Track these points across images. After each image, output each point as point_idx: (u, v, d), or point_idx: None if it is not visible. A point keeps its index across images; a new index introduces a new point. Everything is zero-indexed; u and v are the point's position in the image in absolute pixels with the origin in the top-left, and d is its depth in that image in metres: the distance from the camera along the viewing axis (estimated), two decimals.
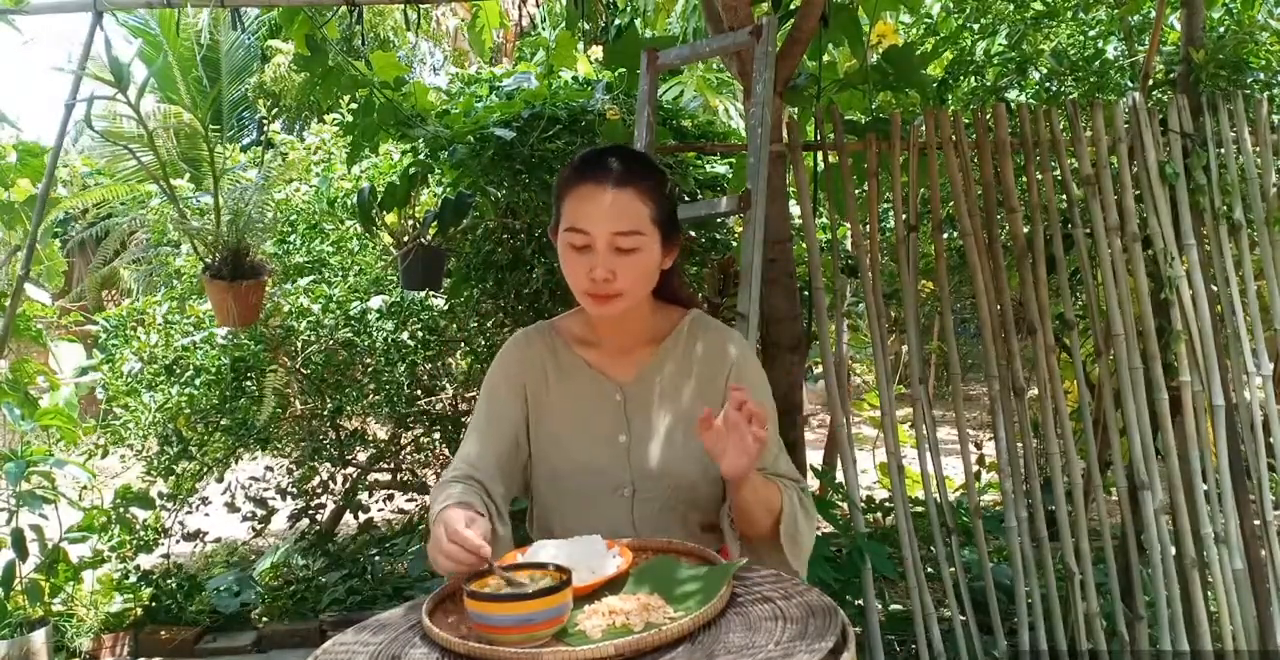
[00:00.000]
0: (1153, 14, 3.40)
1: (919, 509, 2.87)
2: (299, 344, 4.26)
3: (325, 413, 4.43)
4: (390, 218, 3.78)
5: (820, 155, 2.88)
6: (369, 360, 4.45)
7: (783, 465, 1.46)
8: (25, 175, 3.64)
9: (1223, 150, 2.82)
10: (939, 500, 2.71)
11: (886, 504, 3.68)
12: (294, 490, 4.59)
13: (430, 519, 1.34)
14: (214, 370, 4.21)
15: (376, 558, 4.29)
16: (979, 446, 4.57)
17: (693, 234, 3.75)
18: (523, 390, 1.46)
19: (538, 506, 1.48)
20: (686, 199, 3.63)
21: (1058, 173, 2.94)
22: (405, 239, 3.68)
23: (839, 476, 2.75)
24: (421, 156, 3.71)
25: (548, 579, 1.10)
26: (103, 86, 2.97)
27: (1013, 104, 3.31)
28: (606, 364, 1.46)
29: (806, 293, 3.05)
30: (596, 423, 1.43)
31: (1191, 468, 2.68)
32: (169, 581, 3.99)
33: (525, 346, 1.49)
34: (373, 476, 4.79)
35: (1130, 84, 3.51)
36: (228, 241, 3.11)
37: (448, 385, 4.67)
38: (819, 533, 1.62)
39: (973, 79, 3.75)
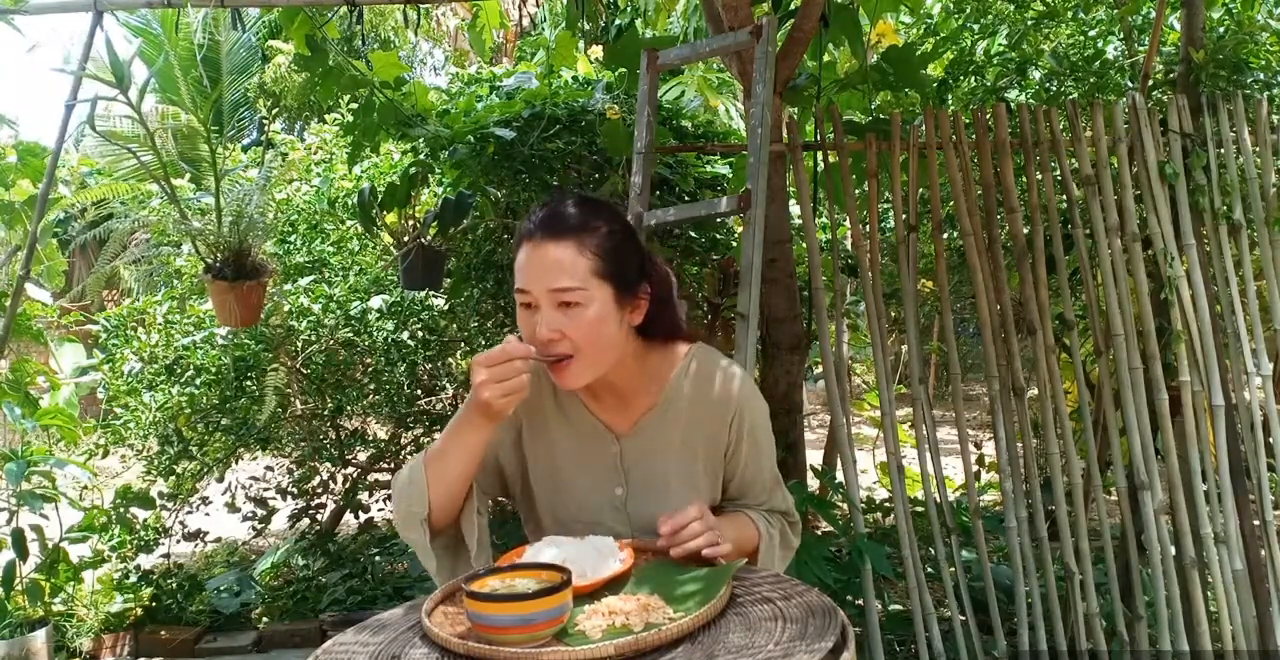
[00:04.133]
0: (1153, 14, 3.40)
1: (919, 509, 2.87)
2: (299, 344, 4.26)
3: (325, 412, 4.43)
4: (390, 218, 3.78)
5: (820, 155, 2.89)
6: (369, 360, 4.45)
7: (779, 502, 1.45)
8: (25, 175, 3.65)
9: (1222, 150, 2.83)
10: (939, 500, 2.71)
11: (886, 504, 3.68)
12: (294, 490, 4.59)
13: (419, 461, 1.29)
14: (214, 370, 4.21)
15: (376, 558, 4.30)
16: (979, 446, 4.57)
17: (693, 234, 3.75)
18: (515, 421, 1.39)
19: (539, 533, 1.42)
20: (687, 199, 3.64)
21: (1058, 173, 2.94)
22: (405, 239, 3.68)
23: (839, 476, 2.75)
24: (422, 156, 3.71)
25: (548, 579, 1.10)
26: (103, 87, 2.98)
27: (1013, 104, 3.31)
28: (605, 411, 1.39)
29: (806, 293, 3.05)
30: (593, 473, 1.38)
31: (1191, 468, 2.68)
32: (169, 581, 3.99)
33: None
34: (373, 476, 4.79)
35: (1130, 84, 3.51)
36: (229, 242, 3.11)
37: (448, 385, 4.67)
38: (818, 533, 1.62)
39: (973, 79, 3.75)
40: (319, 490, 4.64)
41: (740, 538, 1.36)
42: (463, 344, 4.55)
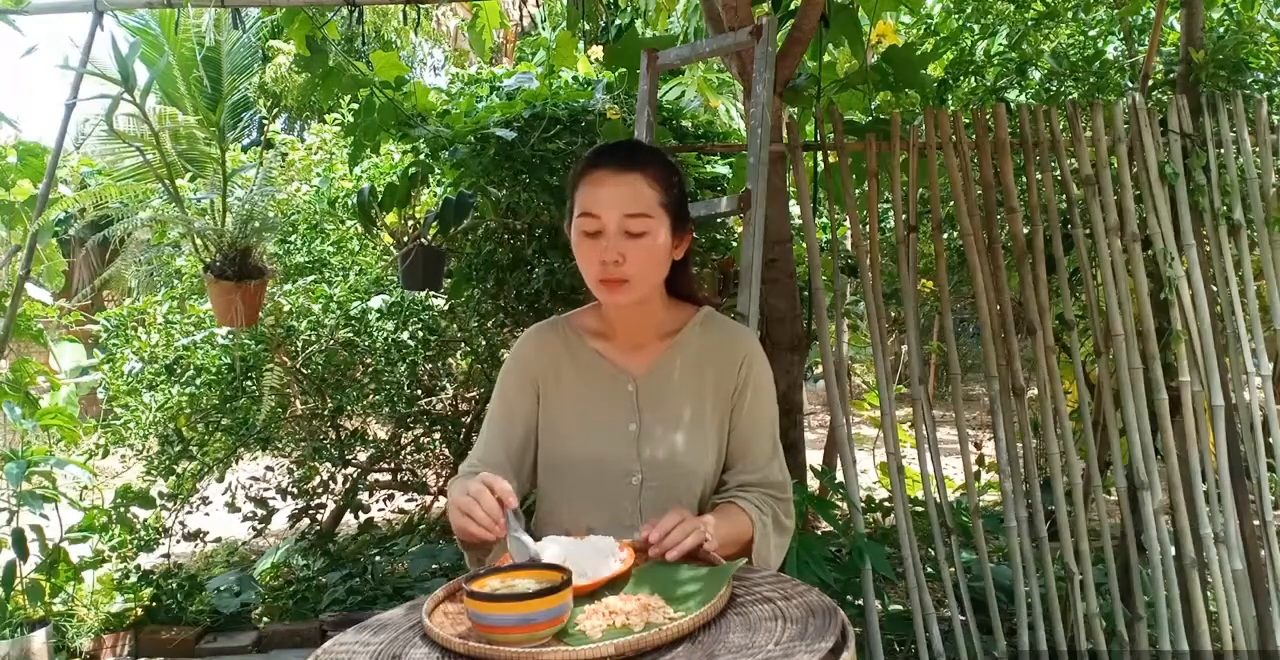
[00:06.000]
0: (1153, 14, 3.40)
1: (919, 509, 2.87)
2: (299, 344, 4.26)
3: (325, 413, 4.43)
4: (390, 218, 3.79)
5: (820, 155, 2.89)
6: (369, 360, 4.45)
7: (775, 472, 1.48)
8: (25, 175, 3.65)
9: (1222, 150, 2.83)
10: (939, 500, 2.71)
11: (886, 504, 3.68)
12: (294, 490, 4.59)
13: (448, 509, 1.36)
14: (215, 370, 4.21)
15: (376, 558, 4.29)
16: (979, 446, 4.57)
17: (693, 234, 3.76)
18: (534, 385, 1.48)
19: (543, 497, 1.49)
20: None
21: (1058, 173, 2.94)
22: (405, 239, 3.68)
23: (839, 476, 2.75)
24: (422, 156, 3.71)
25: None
26: (105, 86, 2.98)
27: (1013, 104, 3.31)
28: (619, 356, 1.47)
29: (806, 293, 3.05)
30: (608, 412, 1.45)
31: (1191, 468, 2.68)
32: (169, 581, 3.99)
33: (538, 340, 1.51)
34: (373, 476, 4.79)
35: (1130, 84, 3.51)
36: (236, 242, 3.12)
37: (448, 385, 4.67)
38: (818, 533, 1.64)
39: (973, 79, 3.75)
40: (319, 490, 4.64)
41: (733, 531, 1.37)
42: (463, 344, 4.55)
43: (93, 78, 3.20)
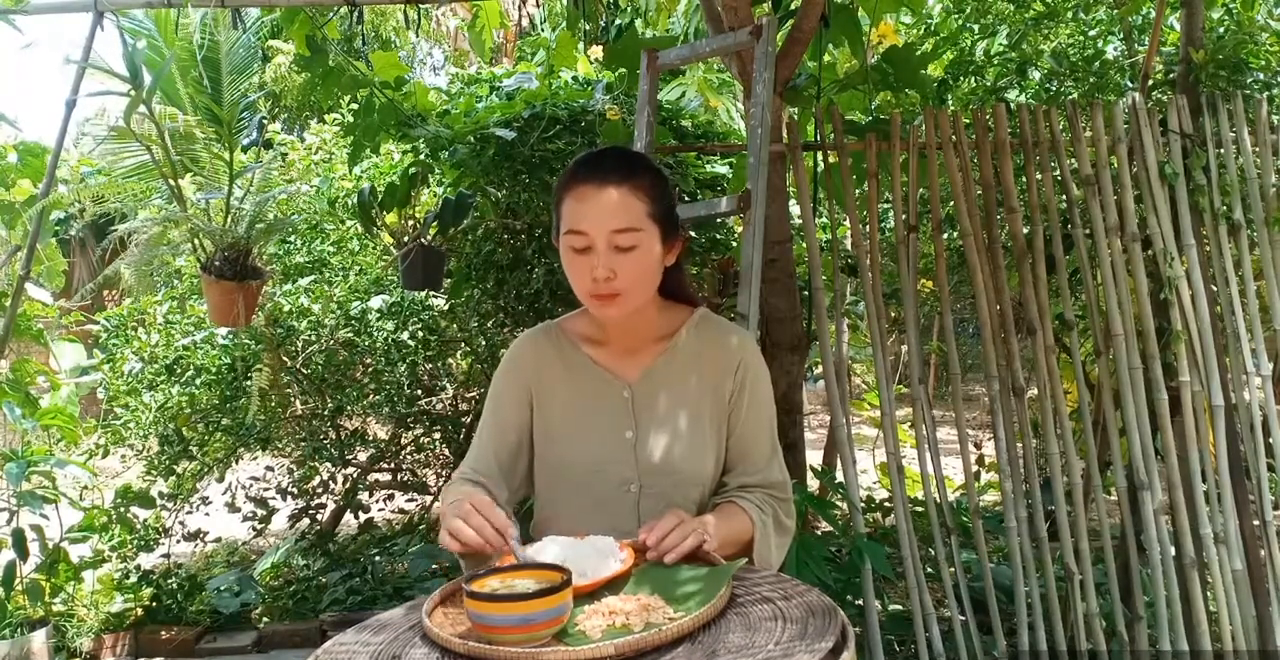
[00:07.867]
0: (1153, 14, 3.40)
1: (919, 509, 2.87)
2: (299, 344, 4.26)
3: (325, 413, 4.43)
4: (390, 218, 3.78)
5: (820, 155, 2.89)
6: (369, 360, 4.45)
7: (775, 472, 1.47)
8: (25, 175, 3.65)
9: (1222, 150, 2.83)
10: (939, 500, 2.71)
11: (886, 504, 3.68)
12: (294, 490, 4.59)
13: (442, 516, 1.35)
14: (214, 370, 4.21)
15: (376, 558, 4.30)
16: (979, 446, 4.57)
17: (693, 234, 3.76)
18: (528, 392, 1.47)
19: (542, 504, 1.49)
20: (686, 199, 3.64)
21: (1058, 173, 2.94)
22: (405, 239, 3.68)
23: (839, 476, 2.75)
24: (422, 156, 3.71)
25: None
26: (108, 85, 2.99)
27: (1013, 104, 3.31)
28: (613, 362, 1.46)
29: (806, 293, 3.05)
30: (604, 419, 1.43)
31: (1191, 468, 2.68)
32: (169, 581, 3.99)
33: (531, 347, 1.50)
34: (373, 476, 4.79)
35: (1130, 84, 3.51)
36: (239, 243, 3.12)
37: (448, 385, 4.67)
38: (818, 533, 1.63)
39: (973, 79, 3.76)
40: (319, 490, 4.64)
41: (733, 531, 1.37)
42: (463, 344, 4.55)
43: (93, 77, 3.21)
